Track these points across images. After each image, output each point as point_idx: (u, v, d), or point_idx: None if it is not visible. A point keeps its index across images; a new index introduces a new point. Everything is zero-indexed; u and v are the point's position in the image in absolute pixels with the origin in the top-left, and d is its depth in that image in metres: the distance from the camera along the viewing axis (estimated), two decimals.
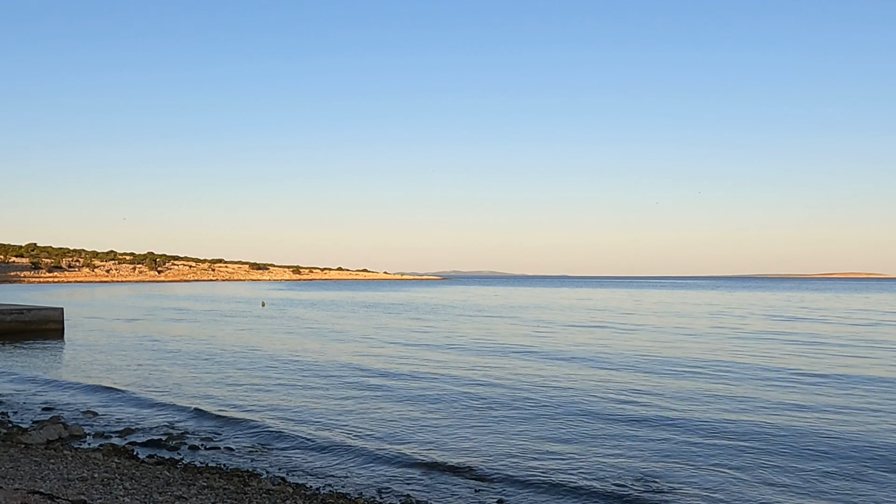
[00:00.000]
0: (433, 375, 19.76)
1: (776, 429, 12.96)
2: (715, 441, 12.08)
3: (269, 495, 8.72)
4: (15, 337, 30.37)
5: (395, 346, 27.87)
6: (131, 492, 8.25)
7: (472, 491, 9.58)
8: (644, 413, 14.44)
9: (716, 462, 10.82)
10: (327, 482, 9.90)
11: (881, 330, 36.70)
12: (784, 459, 10.97)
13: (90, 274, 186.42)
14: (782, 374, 19.84)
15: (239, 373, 20.43)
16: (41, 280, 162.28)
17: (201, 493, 8.49)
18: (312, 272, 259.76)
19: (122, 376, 19.71)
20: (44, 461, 9.71)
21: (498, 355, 24.69)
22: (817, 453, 11.31)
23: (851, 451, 11.41)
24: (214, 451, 11.59)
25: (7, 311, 32.17)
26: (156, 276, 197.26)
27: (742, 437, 12.38)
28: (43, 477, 8.70)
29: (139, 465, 10.10)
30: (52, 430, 12.11)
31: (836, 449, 11.58)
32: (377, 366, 21.89)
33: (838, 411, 14.63)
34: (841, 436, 12.44)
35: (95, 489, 8.20)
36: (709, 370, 20.76)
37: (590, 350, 26.22)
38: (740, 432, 12.69)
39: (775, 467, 10.56)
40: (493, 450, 11.61)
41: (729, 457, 11.08)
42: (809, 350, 26.37)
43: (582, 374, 19.89)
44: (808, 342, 29.43)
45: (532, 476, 10.16)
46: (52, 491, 7.79)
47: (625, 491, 9.53)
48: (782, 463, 10.79)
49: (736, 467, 10.54)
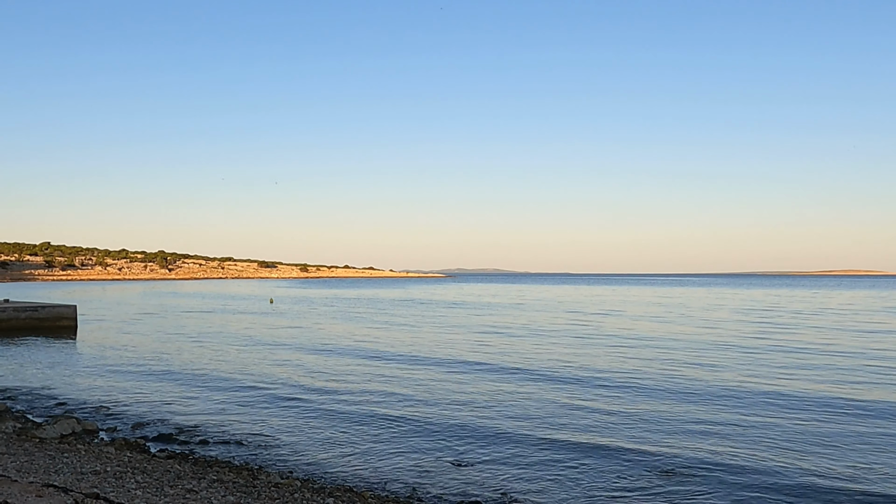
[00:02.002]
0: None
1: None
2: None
3: (277, 489, 8.73)
4: (29, 333, 30.47)
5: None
6: (143, 485, 8.26)
7: (461, 482, 9.57)
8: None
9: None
10: (334, 476, 9.91)
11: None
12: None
13: (102, 272, 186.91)
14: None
15: (248, 370, 20.46)
16: (55, 278, 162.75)
17: (211, 487, 8.50)
18: (319, 270, 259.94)
19: (134, 372, 19.75)
20: (58, 455, 9.73)
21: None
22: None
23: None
24: (224, 445, 11.61)
25: (22, 308, 32.28)
26: (167, 275, 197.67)
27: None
28: (57, 470, 8.72)
29: (150, 458, 10.12)
30: (65, 424, 12.14)
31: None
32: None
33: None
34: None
35: (108, 482, 8.22)
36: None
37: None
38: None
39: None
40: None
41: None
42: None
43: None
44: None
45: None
46: (66, 484, 7.81)
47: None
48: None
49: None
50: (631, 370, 19.78)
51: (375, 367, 20.82)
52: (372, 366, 21.01)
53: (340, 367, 20.69)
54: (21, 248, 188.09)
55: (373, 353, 24.41)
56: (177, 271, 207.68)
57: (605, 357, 22.88)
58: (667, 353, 23.76)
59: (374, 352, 24.70)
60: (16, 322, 31.55)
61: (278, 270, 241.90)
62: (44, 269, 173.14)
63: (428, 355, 23.54)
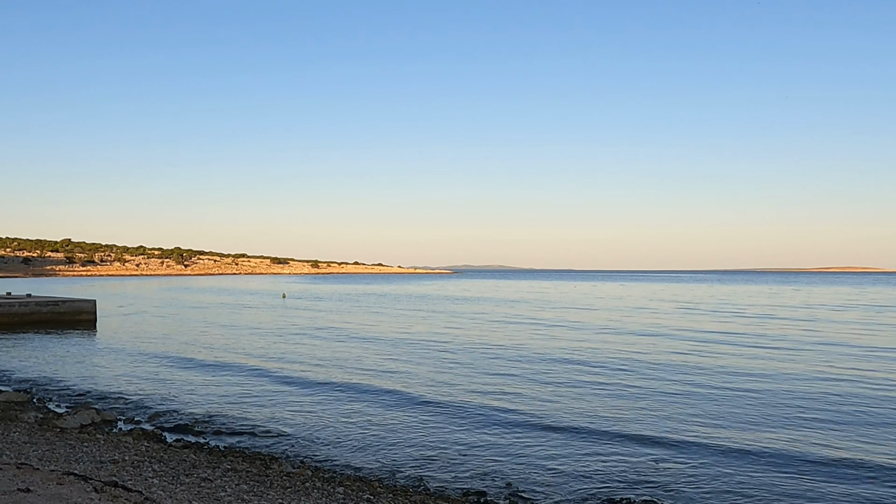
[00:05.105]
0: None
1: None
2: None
3: (289, 477, 8.75)
4: (51, 327, 30.69)
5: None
6: (160, 473, 8.29)
7: (479, 476, 9.57)
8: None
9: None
10: (344, 465, 9.92)
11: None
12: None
13: (121, 268, 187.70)
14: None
15: (262, 362, 20.50)
16: (75, 274, 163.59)
17: (226, 476, 8.52)
18: (330, 266, 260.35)
19: (151, 364, 19.84)
20: (78, 444, 9.79)
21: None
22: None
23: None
24: (238, 435, 11.65)
25: (43, 302, 32.51)
26: (182, 270, 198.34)
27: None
28: (77, 459, 8.77)
29: (167, 448, 10.16)
30: (85, 415, 12.21)
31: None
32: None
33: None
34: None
35: (126, 471, 8.26)
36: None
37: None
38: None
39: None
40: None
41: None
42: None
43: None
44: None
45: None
46: (86, 472, 7.84)
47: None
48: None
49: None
50: (653, 360, 19.73)
51: (385, 359, 20.82)
52: (382, 358, 21.02)
53: (351, 360, 20.70)
54: (43, 244, 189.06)
55: (384, 344, 24.42)
56: (192, 267, 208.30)
57: (619, 346, 22.84)
58: (673, 343, 23.73)
59: (385, 343, 24.71)
60: (38, 316, 31.80)
61: (290, 266, 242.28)
62: (65, 266, 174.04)
63: (435, 348, 23.54)
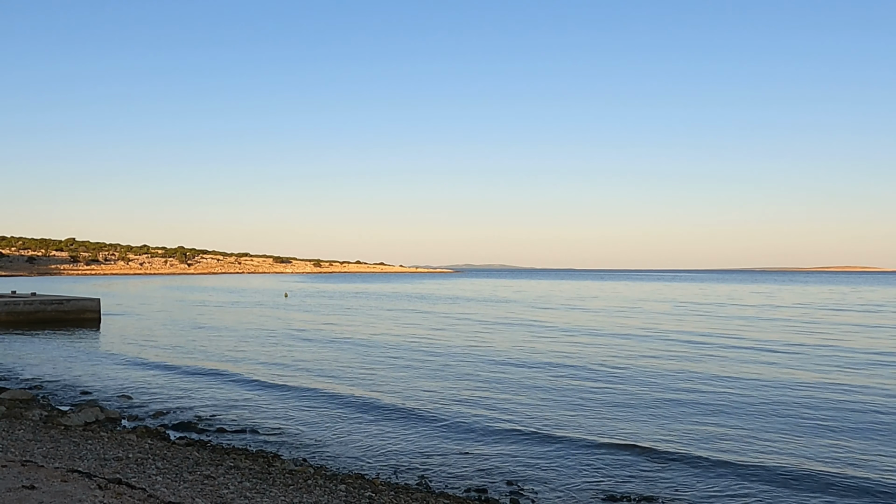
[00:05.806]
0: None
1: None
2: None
3: (291, 475, 8.75)
4: (55, 325, 30.73)
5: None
6: (163, 471, 8.30)
7: (470, 471, 9.57)
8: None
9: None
10: (346, 463, 9.93)
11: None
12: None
13: (125, 267, 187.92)
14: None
15: (264, 361, 20.52)
16: (79, 272, 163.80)
17: (228, 473, 8.53)
18: (332, 265, 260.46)
19: (155, 362, 19.86)
20: (82, 442, 9.80)
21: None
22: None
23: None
24: (241, 433, 11.65)
25: (48, 301, 32.56)
26: (186, 269, 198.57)
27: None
28: (81, 457, 8.77)
29: (170, 446, 10.16)
30: (89, 412, 12.22)
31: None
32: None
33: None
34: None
35: (130, 468, 8.26)
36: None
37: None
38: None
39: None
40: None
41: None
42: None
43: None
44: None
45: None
46: (90, 470, 7.85)
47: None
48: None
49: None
50: (642, 365, 19.72)
51: (386, 358, 20.83)
52: (383, 357, 21.02)
53: (352, 359, 20.71)
54: (48, 243, 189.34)
55: (385, 348, 24.42)
56: (195, 266, 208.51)
57: (615, 350, 22.84)
58: (671, 347, 23.72)
59: (385, 347, 24.71)
60: (42, 314, 31.85)
61: (293, 265, 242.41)
62: (69, 264, 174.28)
63: (437, 348, 23.55)
